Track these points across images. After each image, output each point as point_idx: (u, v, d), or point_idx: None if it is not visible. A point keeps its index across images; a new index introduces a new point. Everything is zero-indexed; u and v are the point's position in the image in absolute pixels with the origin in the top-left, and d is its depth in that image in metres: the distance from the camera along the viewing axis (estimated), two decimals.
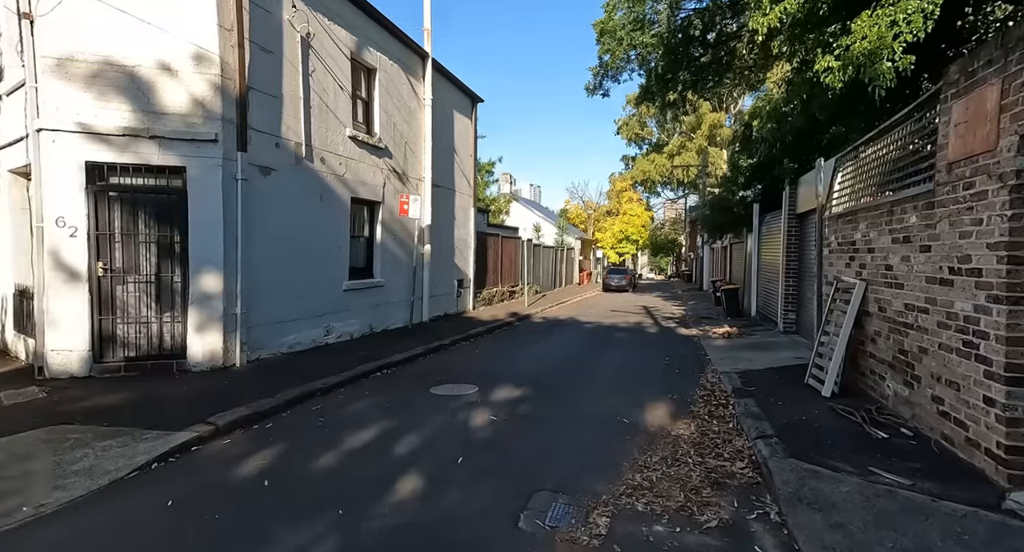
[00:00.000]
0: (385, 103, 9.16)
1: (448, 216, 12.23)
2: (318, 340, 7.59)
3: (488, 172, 29.79)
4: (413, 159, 10.36)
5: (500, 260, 16.77)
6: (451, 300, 12.49)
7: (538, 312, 15.29)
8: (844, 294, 5.70)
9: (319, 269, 7.53)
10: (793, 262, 10.01)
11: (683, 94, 16.20)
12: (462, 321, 11.77)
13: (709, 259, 26.80)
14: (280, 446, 4.10)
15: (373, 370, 6.66)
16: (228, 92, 5.78)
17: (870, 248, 5.13)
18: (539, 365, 7.61)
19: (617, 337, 10.76)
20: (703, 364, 7.87)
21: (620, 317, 14.53)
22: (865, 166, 5.50)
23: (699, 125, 34.54)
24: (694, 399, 5.85)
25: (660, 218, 57.48)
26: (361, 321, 8.65)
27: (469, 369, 7.16)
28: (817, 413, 4.80)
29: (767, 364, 7.31)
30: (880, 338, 4.85)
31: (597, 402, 5.65)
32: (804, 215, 9.64)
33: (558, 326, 12.44)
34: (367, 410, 5.13)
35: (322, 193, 7.46)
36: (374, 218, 9.14)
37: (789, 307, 10.06)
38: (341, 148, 7.87)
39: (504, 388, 6.12)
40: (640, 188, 42.73)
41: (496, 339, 10.15)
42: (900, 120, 4.61)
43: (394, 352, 7.63)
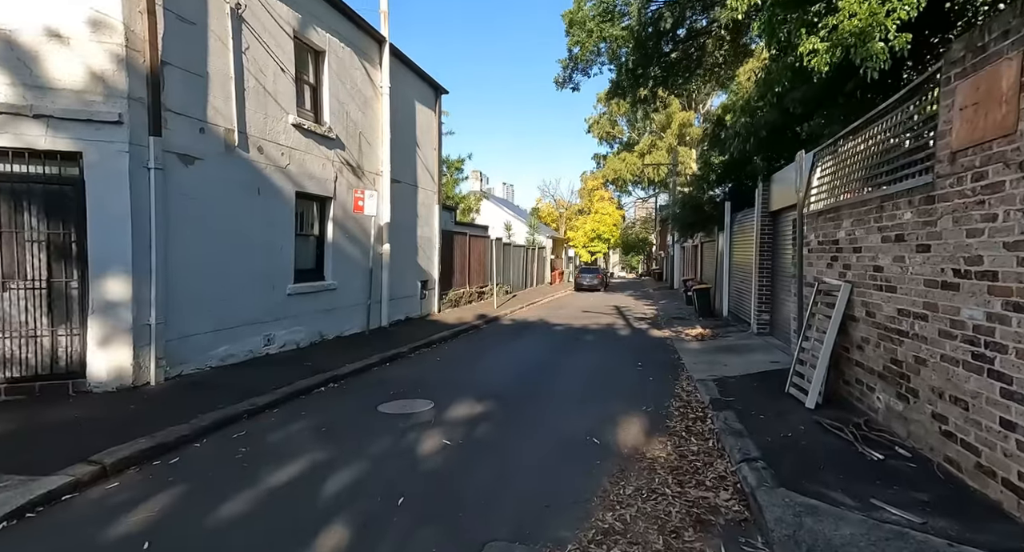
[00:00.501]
0: (336, 90, 8.39)
1: (410, 213, 11.51)
2: (257, 351, 6.79)
3: (457, 169, 29.00)
4: (369, 152, 9.61)
5: (468, 260, 16.12)
6: (414, 303, 11.79)
7: (507, 314, 14.72)
8: (826, 297, 5.33)
9: (258, 271, 6.74)
10: (766, 261, 9.74)
11: (654, 90, 15.99)
12: (426, 325, 11.09)
13: (680, 258, 26.82)
14: (180, 489, 3.38)
15: (316, 385, 5.94)
16: (135, 66, 4.95)
17: (856, 247, 4.75)
18: (504, 374, 7.04)
19: (588, 340, 10.29)
20: (677, 370, 7.46)
21: (591, 318, 14.11)
22: (849, 159, 5.13)
23: (669, 124, 34.65)
24: (669, 412, 5.38)
25: (631, 217, 57.86)
26: (310, 328, 7.88)
27: (426, 380, 6.52)
28: (803, 429, 4.38)
29: (743, 369, 6.94)
30: (868, 345, 4.46)
31: (565, 418, 5.11)
32: (778, 213, 9.37)
33: (527, 329, 11.89)
34: (300, 436, 4.43)
35: (260, 186, 6.67)
36: (324, 215, 8.37)
37: (763, 308, 9.79)
38: (283, 137, 7.09)
39: (463, 403, 5.51)
40: (611, 187, 42.71)
41: (460, 344, 9.52)
42: (890, 107, 4.22)
43: (344, 362, 6.91)
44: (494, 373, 7.11)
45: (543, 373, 7.15)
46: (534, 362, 7.91)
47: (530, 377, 6.86)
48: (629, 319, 14.14)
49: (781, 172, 8.78)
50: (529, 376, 6.91)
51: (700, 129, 33.86)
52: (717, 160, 12.51)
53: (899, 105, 4.12)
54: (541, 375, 7.01)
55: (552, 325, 12.62)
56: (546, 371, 7.29)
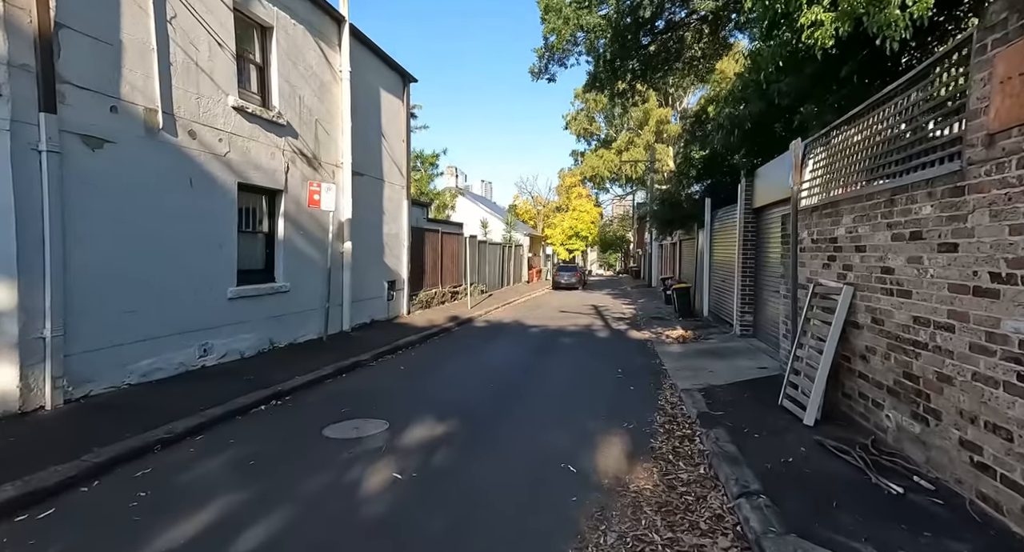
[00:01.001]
0: (287, 71, 7.59)
1: (375, 209, 10.74)
2: (190, 363, 5.98)
3: (432, 164, 28.18)
4: (328, 142, 8.81)
5: (441, 258, 15.39)
6: (380, 304, 11.03)
7: (482, 314, 14.07)
8: (823, 300, 4.85)
9: (191, 273, 5.93)
10: (750, 260, 9.34)
11: (632, 84, 15.56)
12: (392, 329, 10.35)
13: (658, 256, 26.59)
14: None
15: (255, 403, 5.19)
16: (19, 27, 4.12)
17: (858, 246, 4.27)
18: (473, 384, 6.40)
19: (565, 344, 9.72)
20: (660, 377, 6.94)
21: (569, 319, 13.58)
22: (849, 149, 4.64)
23: (646, 121, 34.45)
24: (654, 429, 4.84)
25: (609, 215, 57.82)
26: (257, 335, 7.08)
27: (385, 394, 5.83)
28: (804, 452, 3.88)
29: (730, 377, 6.46)
30: (875, 356, 3.98)
31: (538, 439, 4.50)
32: (762, 210, 8.97)
33: (502, 331, 11.27)
34: (219, 472, 3.71)
35: (193, 176, 5.85)
36: (275, 210, 7.56)
37: (746, 309, 9.39)
38: (222, 121, 6.27)
39: (423, 421, 4.86)
40: (589, 184, 42.41)
41: (428, 350, 8.83)
42: (902, 88, 3.73)
43: (293, 374, 6.16)
44: (461, 383, 6.46)
45: (516, 383, 6.54)
46: (506, 369, 7.29)
47: (500, 387, 6.23)
48: (608, 319, 13.66)
49: (766, 167, 8.36)
50: (499, 386, 6.29)
51: (678, 126, 33.77)
52: (697, 155, 12.10)
53: (913, 84, 3.63)
54: (513, 385, 6.40)
55: (528, 327, 12.03)
56: (519, 380, 6.68)
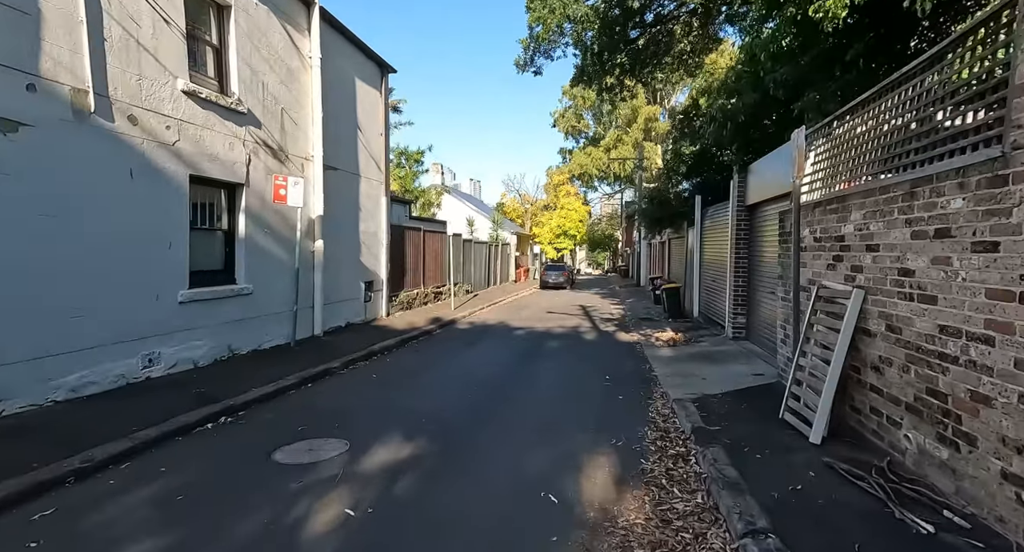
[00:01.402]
0: (248, 55, 6.99)
1: (351, 206, 10.17)
2: (132, 375, 5.38)
3: (417, 161, 27.53)
4: (296, 133, 8.23)
5: (423, 257, 14.85)
6: (357, 306, 10.46)
7: (465, 316, 13.56)
8: (829, 304, 4.44)
9: (132, 274, 5.33)
10: (743, 260, 8.96)
11: (620, 79, 15.19)
12: (369, 332, 9.80)
13: (646, 255, 26.29)
14: None
15: (200, 421, 4.63)
16: None
17: (870, 245, 3.85)
18: (450, 394, 5.90)
19: (551, 347, 9.26)
20: (650, 385, 6.51)
21: (556, 320, 13.13)
22: (859, 137, 4.22)
23: (635, 118, 34.15)
24: (644, 446, 4.39)
25: (597, 213, 57.58)
26: (214, 342, 6.50)
27: (352, 407, 5.30)
28: (814, 477, 3.44)
29: (725, 384, 6.03)
30: (890, 368, 3.56)
31: (517, 461, 4.02)
32: (755, 207, 8.59)
33: (486, 333, 10.78)
34: (138, 512, 3.16)
35: (134, 166, 5.25)
36: (235, 205, 6.97)
37: (738, 310, 9.01)
38: (169, 106, 5.67)
39: (390, 441, 4.35)
40: (577, 182, 42.06)
41: (406, 355, 8.30)
42: (925, 65, 3.30)
43: (250, 387, 5.60)
44: (438, 394, 5.96)
45: (496, 392, 6.05)
46: (487, 377, 6.80)
47: (480, 398, 5.74)
48: (595, 321, 13.24)
49: (760, 162, 7.97)
50: (479, 396, 5.79)
51: (666, 124, 33.52)
52: (688, 150, 11.72)
53: (938, 61, 3.20)
54: (493, 395, 5.91)
55: (513, 329, 11.55)
56: (500, 389, 6.19)
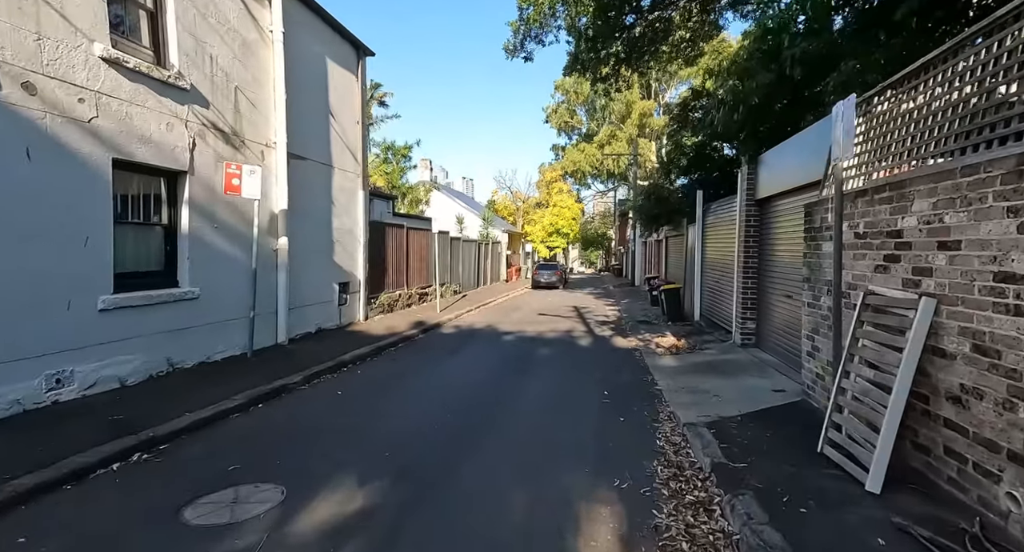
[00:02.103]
0: (191, 22, 6.05)
1: (322, 199, 9.25)
2: (33, 400, 4.44)
3: (404, 156, 26.58)
4: (255, 116, 7.30)
5: (407, 256, 13.94)
6: (329, 310, 9.55)
7: (451, 319, 12.68)
8: (880, 315, 3.62)
9: (33, 276, 4.39)
10: (752, 259, 8.16)
11: (616, 68, 14.42)
12: (342, 338, 8.89)
13: (641, 253, 25.55)
14: None
15: (105, 461, 3.72)
16: None
17: (945, 242, 3.03)
18: (422, 418, 5.03)
19: (542, 355, 8.41)
20: (654, 402, 5.68)
21: (548, 323, 12.29)
22: (923, 109, 3.40)
23: (629, 114, 33.41)
24: (655, 489, 3.55)
25: (590, 211, 56.87)
26: (148, 356, 5.56)
27: (301, 437, 4.42)
28: (885, 548, 2.62)
29: (743, 404, 5.21)
30: (980, 402, 2.75)
31: (497, 516, 3.17)
32: (767, 201, 7.79)
33: (472, 339, 9.91)
34: None
35: (33, 146, 4.31)
36: (176, 196, 6.03)
37: (747, 315, 8.22)
38: (83, 75, 4.74)
39: (339, 486, 3.48)
40: (570, 180, 41.28)
41: (380, 366, 7.42)
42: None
43: (185, 410, 4.70)
44: (409, 417, 5.09)
45: (478, 414, 5.19)
46: (469, 394, 5.94)
47: (457, 423, 4.87)
48: (590, 324, 12.42)
49: (775, 151, 7.16)
50: (456, 422, 4.93)
51: (661, 120, 32.81)
52: (689, 141, 10.91)
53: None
54: (474, 419, 5.05)
55: (502, 333, 10.70)
56: (483, 410, 5.33)
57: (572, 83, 35.72)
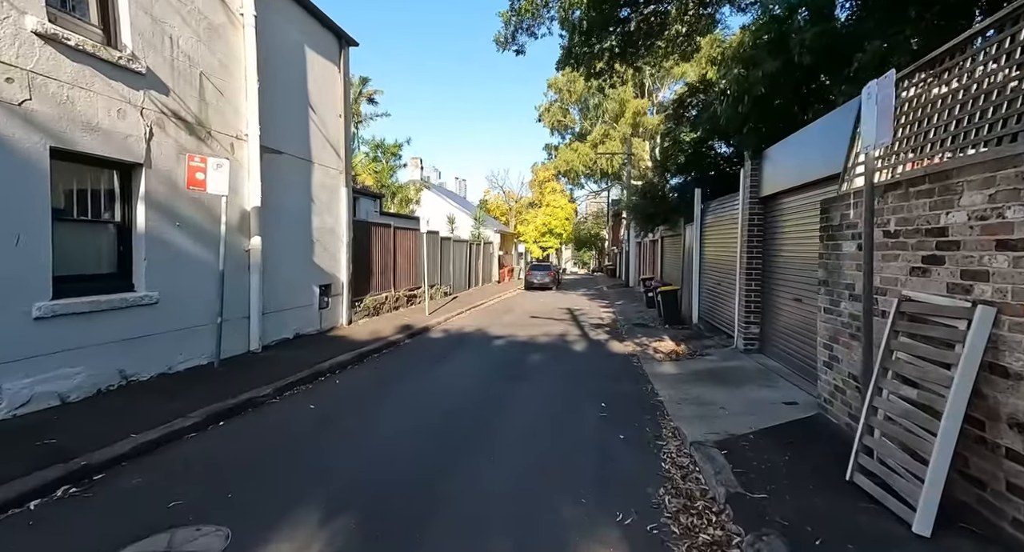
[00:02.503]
0: (148, 0, 5.50)
1: (300, 197, 8.71)
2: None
3: (394, 155, 26.00)
4: (223, 105, 6.74)
5: (394, 257, 13.40)
6: (309, 314, 9.00)
7: (440, 322, 12.16)
8: (920, 326, 3.17)
9: None
10: (756, 260, 7.74)
11: (611, 63, 14.02)
12: (322, 344, 8.35)
13: (635, 254, 25.17)
14: None
15: (17, 499, 3.17)
16: None
17: (1005, 241, 2.59)
18: (400, 437, 4.52)
19: (534, 362, 7.92)
20: (656, 416, 5.22)
21: (540, 326, 11.81)
22: (976, 89, 2.95)
23: (622, 113, 33.01)
24: (663, 525, 3.09)
25: (583, 212, 56.51)
26: (96, 368, 5.00)
27: (259, 463, 3.89)
28: None
29: (753, 419, 4.75)
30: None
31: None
32: (772, 199, 7.37)
33: (461, 344, 9.40)
34: None
35: None
36: (131, 191, 5.47)
37: (751, 318, 7.78)
38: (12, 51, 4.17)
39: (295, 529, 2.96)
40: (563, 179, 40.84)
41: (360, 376, 6.89)
42: None
43: (128, 432, 4.15)
44: (386, 436, 4.57)
45: (462, 432, 4.69)
46: (454, 409, 5.44)
47: (439, 446, 4.37)
48: (584, 327, 11.96)
49: (782, 145, 6.73)
50: (438, 443, 4.42)
51: (655, 119, 32.46)
52: (688, 137, 10.48)
53: None
54: (457, 438, 4.55)
55: (492, 338, 10.20)
56: (468, 427, 4.83)
57: (565, 82, 35.30)
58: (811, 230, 5.92)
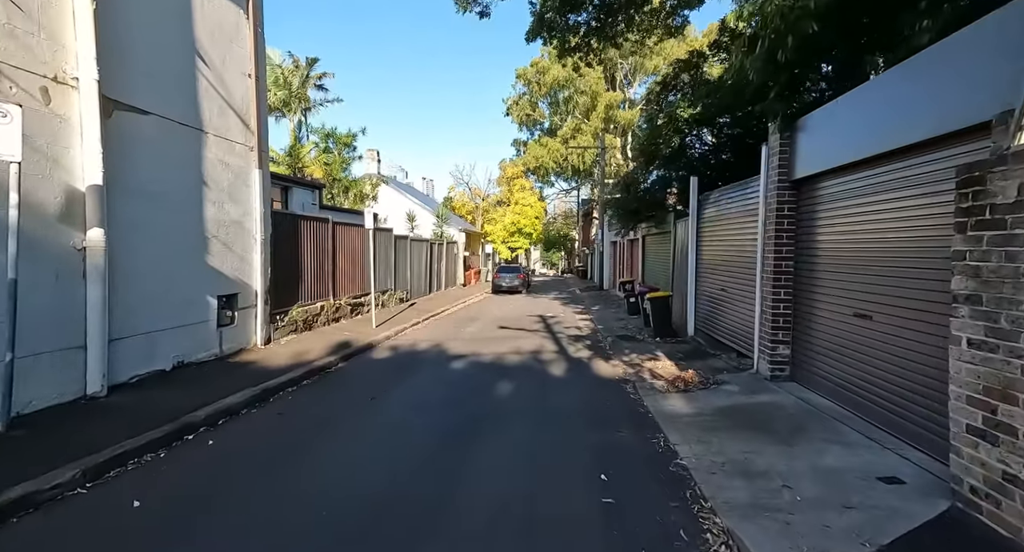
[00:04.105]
0: None
1: (183, 176, 6.47)
2: None
3: (347, 146, 23.51)
4: (28, 29, 4.49)
5: (333, 258, 11.17)
6: (202, 335, 6.75)
7: (390, 337, 10.05)
8: None
9: None
10: (785, 261, 6.03)
11: (587, 39, 12.36)
12: (214, 377, 6.14)
13: (610, 255, 23.60)
14: None
15: None
16: None
17: None
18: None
19: (500, 399, 5.95)
20: (684, 500, 3.36)
21: (510, 340, 9.86)
22: None
23: (594, 107, 31.55)
24: None
25: (552, 212, 55.06)
26: None
27: None
28: None
29: (854, 520, 2.93)
30: None
31: None
32: (811, 181, 5.66)
33: (408, 369, 7.35)
34: None
35: None
36: None
37: (779, 336, 6.07)
38: None
39: None
40: (533, 177, 39.11)
41: (251, 429, 4.76)
42: None
43: None
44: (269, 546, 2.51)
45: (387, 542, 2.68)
46: (379, 494, 3.40)
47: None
48: (561, 340, 10.08)
49: (840, 103, 4.98)
50: None
51: (630, 113, 31.15)
52: (686, 114, 8.74)
53: None
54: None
55: (449, 359, 8.18)
56: (397, 528, 2.82)
57: (534, 73, 33.60)
58: (893, 219, 4.21)
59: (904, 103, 3.93)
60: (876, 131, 4.28)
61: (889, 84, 4.22)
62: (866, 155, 4.46)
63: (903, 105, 3.94)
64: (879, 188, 4.41)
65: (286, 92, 23.80)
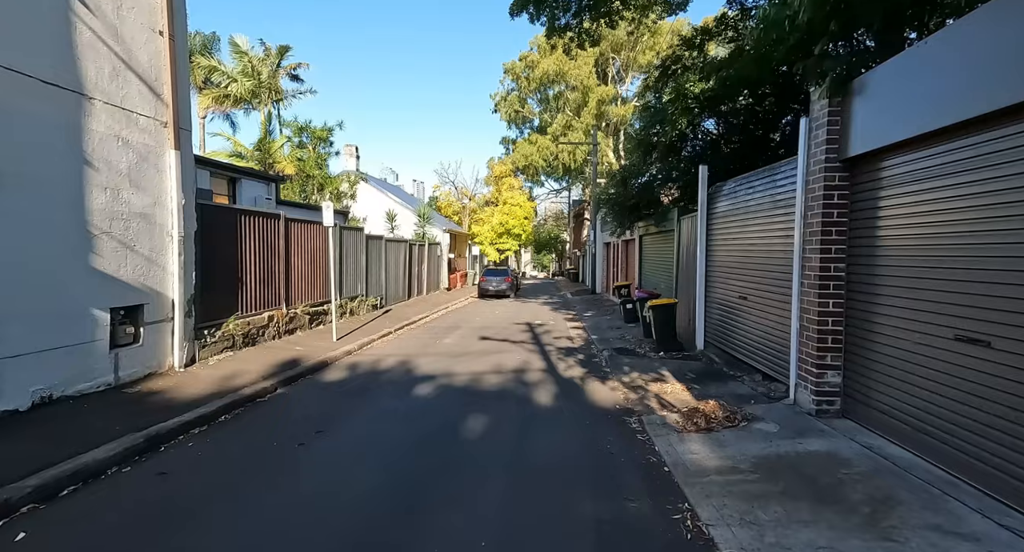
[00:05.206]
0: None
1: (51, 155, 4.97)
2: None
3: (323, 141, 21.91)
4: None
5: (286, 260, 9.67)
6: (85, 359, 5.24)
7: (351, 352, 8.59)
8: None
9: None
10: (835, 264, 4.69)
11: (579, 17, 11.07)
12: (87, 417, 4.65)
13: (603, 256, 22.27)
14: None
15: None
16: None
17: None
18: None
19: (470, 443, 4.51)
20: None
21: (491, 356, 8.44)
22: None
23: (585, 103, 30.27)
24: None
25: (543, 213, 53.78)
26: None
27: None
28: None
29: None
30: None
31: None
32: (872, 159, 4.33)
33: (362, 396, 5.91)
34: None
35: None
36: None
37: (827, 359, 4.71)
38: None
39: None
40: (522, 176, 37.74)
41: (122, 497, 3.29)
42: None
43: None
44: None
45: None
46: None
47: None
48: (551, 355, 8.68)
49: (925, 47, 3.66)
50: None
51: (623, 109, 29.97)
52: (697, 88, 7.40)
53: None
54: None
55: (415, 381, 6.74)
56: None
57: (523, 67, 32.29)
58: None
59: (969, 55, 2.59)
60: (990, 78, 2.94)
61: (985, 17, 2.88)
62: (975, 114, 3.12)
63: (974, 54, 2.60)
64: (995, 160, 3.07)
65: (254, 81, 22.19)
